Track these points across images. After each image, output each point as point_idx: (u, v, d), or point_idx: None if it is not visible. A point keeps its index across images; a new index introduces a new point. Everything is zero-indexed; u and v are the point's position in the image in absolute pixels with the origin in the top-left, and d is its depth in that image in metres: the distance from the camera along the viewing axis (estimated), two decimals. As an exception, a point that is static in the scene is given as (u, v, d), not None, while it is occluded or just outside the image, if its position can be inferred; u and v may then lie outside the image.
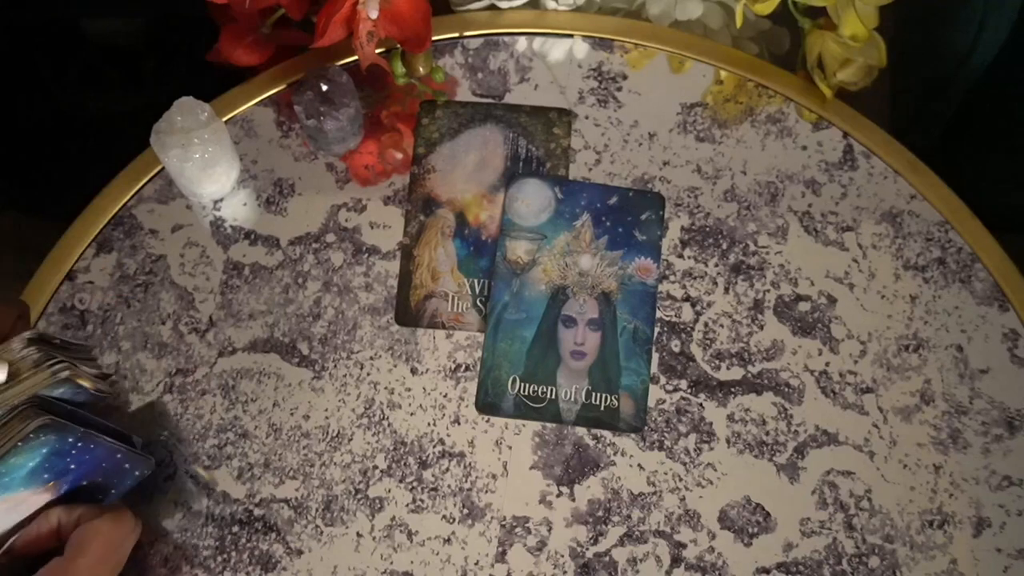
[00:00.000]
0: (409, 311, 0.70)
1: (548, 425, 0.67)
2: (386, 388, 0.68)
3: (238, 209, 0.73)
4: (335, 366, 0.68)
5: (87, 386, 0.57)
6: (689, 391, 0.68)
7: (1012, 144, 0.93)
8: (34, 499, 0.56)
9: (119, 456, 0.57)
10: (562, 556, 0.64)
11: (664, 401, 0.67)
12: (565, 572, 0.63)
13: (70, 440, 0.54)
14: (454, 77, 0.77)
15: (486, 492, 0.65)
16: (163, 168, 0.73)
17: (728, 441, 0.66)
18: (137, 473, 0.60)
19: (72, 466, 0.55)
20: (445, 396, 0.67)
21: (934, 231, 0.72)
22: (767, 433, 0.67)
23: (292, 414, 0.67)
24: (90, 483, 0.58)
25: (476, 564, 0.63)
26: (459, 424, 0.67)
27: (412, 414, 0.67)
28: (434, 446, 0.66)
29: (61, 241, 0.71)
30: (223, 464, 0.66)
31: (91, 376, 0.58)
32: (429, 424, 0.67)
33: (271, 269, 0.71)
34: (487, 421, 0.67)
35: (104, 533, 0.55)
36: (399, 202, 0.73)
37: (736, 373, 0.68)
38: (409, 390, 0.68)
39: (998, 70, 0.86)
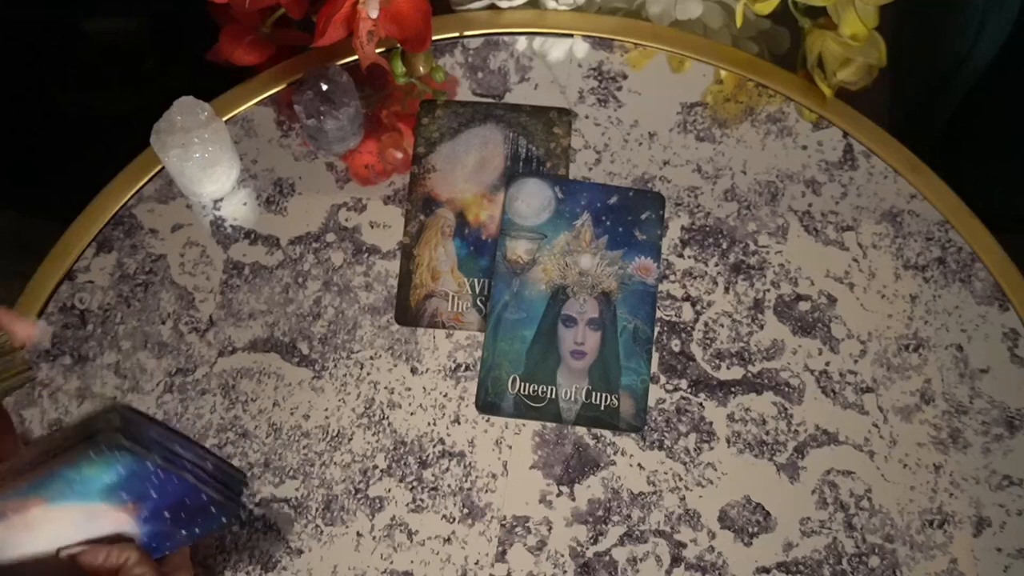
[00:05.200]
0: (409, 311, 0.70)
1: (548, 425, 0.67)
2: (386, 388, 0.68)
3: (238, 209, 0.73)
4: (335, 366, 0.68)
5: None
6: (689, 391, 0.68)
7: (1012, 144, 0.93)
8: (112, 515, 0.54)
9: (204, 498, 0.57)
10: (562, 556, 0.64)
11: (664, 401, 0.67)
12: (565, 572, 0.63)
13: (149, 466, 0.53)
14: (454, 77, 0.77)
15: (486, 492, 0.65)
16: (163, 168, 0.73)
17: (728, 441, 0.66)
18: (224, 519, 0.58)
19: (153, 493, 0.54)
20: (445, 396, 0.67)
21: (934, 231, 0.72)
22: (767, 433, 0.67)
23: (292, 414, 0.67)
24: (171, 515, 0.56)
25: (476, 564, 0.63)
26: (459, 424, 0.67)
27: (412, 414, 0.67)
28: (434, 446, 0.66)
29: (61, 241, 0.71)
30: (223, 464, 0.66)
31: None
32: (429, 424, 0.67)
33: (271, 269, 0.71)
34: (487, 421, 0.67)
35: None
36: (399, 202, 0.73)
37: (736, 373, 0.68)
38: (409, 390, 0.68)
39: (998, 70, 0.86)
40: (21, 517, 0.52)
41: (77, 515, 0.54)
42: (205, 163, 0.68)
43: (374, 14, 0.67)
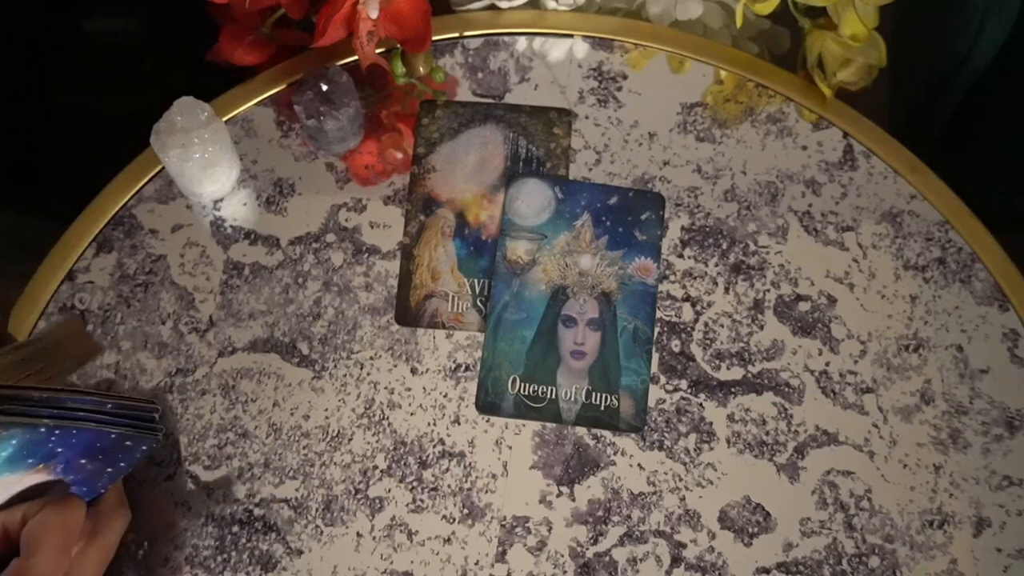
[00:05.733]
0: (409, 311, 0.70)
1: (548, 425, 0.67)
2: (386, 388, 0.68)
3: (238, 209, 0.73)
4: (335, 366, 0.68)
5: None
6: (689, 391, 0.68)
7: (1012, 144, 0.93)
8: (27, 479, 0.54)
9: (114, 436, 0.56)
10: (562, 556, 0.64)
11: (664, 401, 0.67)
12: (565, 572, 0.63)
13: (42, 430, 0.52)
14: (454, 77, 0.77)
15: (486, 492, 0.65)
16: (163, 168, 0.73)
17: (728, 441, 0.66)
18: (144, 447, 0.58)
19: (59, 449, 0.54)
20: (445, 396, 0.67)
21: (934, 231, 0.72)
22: (767, 433, 0.67)
23: (292, 414, 0.67)
24: (89, 460, 0.56)
25: (476, 564, 0.63)
26: (459, 424, 0.67)
27: (412, 414, 0.67)
28: (434, 446, 0.66)
29: (61, 241, 0.71)
30: (223, 464, 0.66)
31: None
32: (429, 424, 0.67)
33: (271, 269, 0.71)
34: (487, 421, 0.67)
35: (54, 524, 0.53)
36: (399, 202, 0.73)
37: (736, 373, 0.68)
38: (409, 390, 0.68)
39: (998, 70, 0.86)
40: None
41: None
42: (205, 163, 0.68)
43: (374, 14, 0.67)
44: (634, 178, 0.74)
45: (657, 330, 0.69)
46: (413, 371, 0.68)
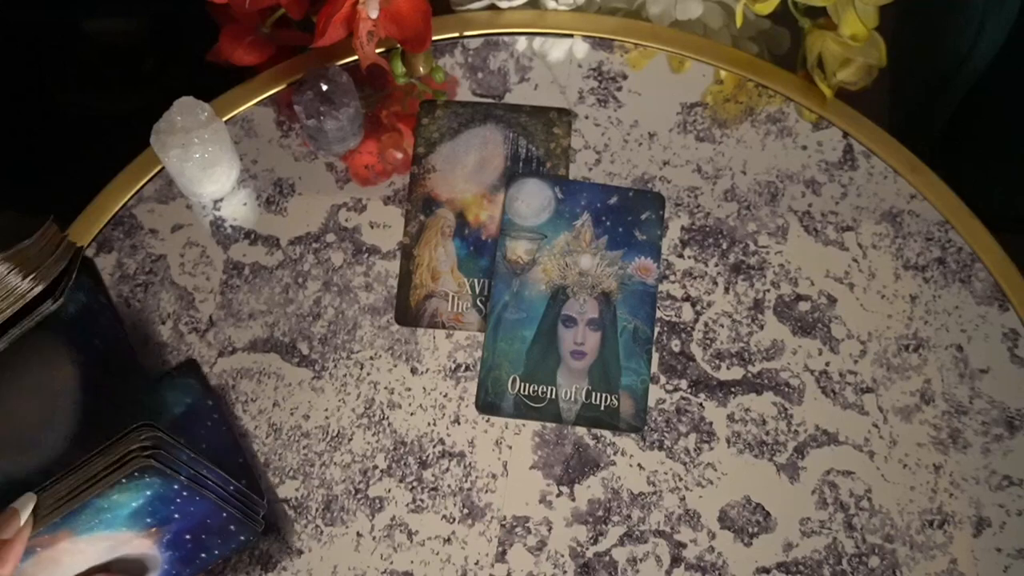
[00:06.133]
0: (409, 311, 0.70)
1: (548, 425, 0.67)
2: (386, 388, 0.68)
3: (238, 209, 0.73)
4: (335, 366, 0.68)
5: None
6: (689, 391, 0.68)
7: (1012, 144, 0.93)
8: (136, 542, 0.55)
9: (225, 516, 0.57)
10: (562, 556, 0.64)
11: (664, 401, 0.67)
12: (565, 572, 0.63)
13: (175, 487, 0.53)
14: (454, 77, 0.77)
15: (486, 492, 0.65)
16: (163, 168, 0.73)
17: (728, 441, 0.66)
18: (242, 538, 0.60)
19: (176, 515, 0.55)
20: (445, 396, 0.67)
21: (934, 231, 0.72)
22: (767, 433, 0.67)
23: (292, 414, 0.67)
24: (193, 538, 0.57)
25: (476, 564, 0.63)
26: (459, 424, 0.67)
27: (412, 414, 0.67)
28: (434, 446, 0.66)
29: (61, 241, 0.71)
30: (223, 464, 0.66)
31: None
32: (429, 424, 0.67)
33: (271, 269, 0.71)
34: (487, 421, 0.67)
35: None
36: (399, 202, 0.73)
37: (736, 373, 0.68)
38: (409, 390, 0.68)
39: (998, 70, 0.86)
40: (49, 552, 0.52)
41: (102, 545, 0.54)
42: (205, 163, 0.68)
43: (374, 14, 0.67)
44: (634, 178, 0.74)
45: (657, 330, 0.69)
46: (413, 371, 0.68)
